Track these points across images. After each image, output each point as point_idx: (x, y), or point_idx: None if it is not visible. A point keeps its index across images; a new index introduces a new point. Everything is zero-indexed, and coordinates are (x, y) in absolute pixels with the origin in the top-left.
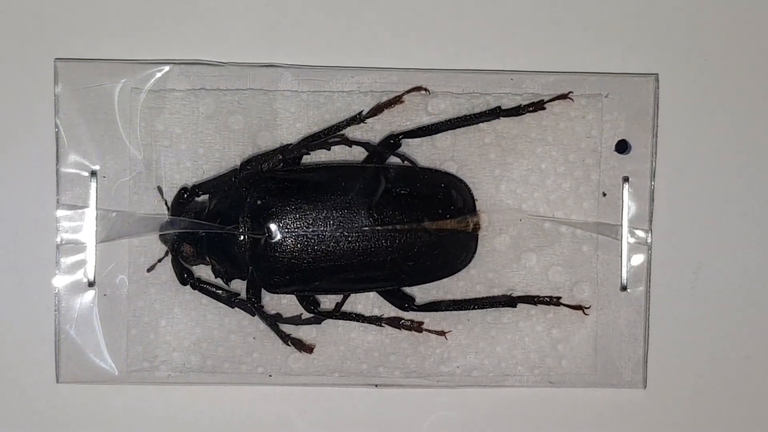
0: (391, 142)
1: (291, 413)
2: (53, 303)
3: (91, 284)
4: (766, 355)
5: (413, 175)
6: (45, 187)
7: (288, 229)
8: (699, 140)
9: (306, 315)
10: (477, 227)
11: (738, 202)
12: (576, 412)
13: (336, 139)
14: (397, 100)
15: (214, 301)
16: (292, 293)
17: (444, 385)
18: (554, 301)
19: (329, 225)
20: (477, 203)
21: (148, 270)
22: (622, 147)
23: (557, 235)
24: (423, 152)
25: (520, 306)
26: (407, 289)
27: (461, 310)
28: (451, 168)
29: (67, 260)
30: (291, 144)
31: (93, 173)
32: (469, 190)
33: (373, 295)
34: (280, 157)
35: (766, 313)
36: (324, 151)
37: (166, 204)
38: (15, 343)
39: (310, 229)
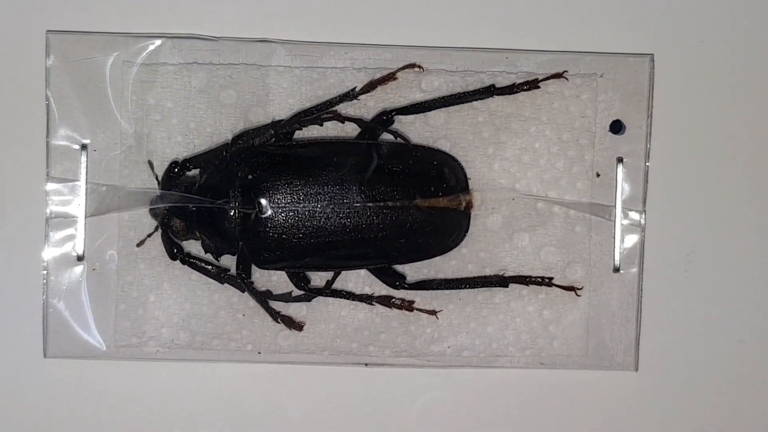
0: (384, 119)
1: (280, 391)
2: (41, 277)
3: (80, 258)
4: (758, 339)
5: (406, 152)
6: (35, 160)
7: (279, 204)
8: (694, 121)
9: (296, 292)
10: (469, 206)
11: (733, 184)
12: (567, 393)
13: (328, 115)
14: (390, 77)
15: (204, 276)
16: (283, 269)
17: (434, 365)
18: (546, 282)
19: (320, 201)
20: (470, 182)
21: (138, 245)
22: (617, 127)
23: (550, 215)
24: (416, 129)
25: (512, 286)
26: (398, 268)
27: (452, 289)
28: (444, 146)
29: (56, 234)
30: (283, 119)
31: (83, 146)
32: (461, 168)
33: (363, 272)
34: (272, 132)
35: (759, 297)
36: (316, 126)
37: (156, 178)
38: (2, 316)
39: (301, 205)
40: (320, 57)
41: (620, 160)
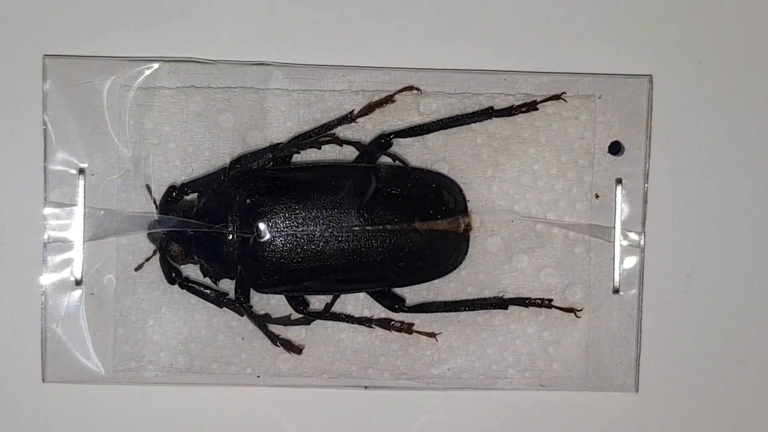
0: (382, 142)
1: (279, 415)
2: (40, 301)
3: (78, 283)
4: (758, 360)
5: (404, 175)
6: (32, 185)
7: (277, 228)
8: (693, 142)
9: (295, 315)
10: (468, 228)
11: (732, 204)
12: (567, 415)
13: (326, 138)
14: (388, 100)
15: (203, 300)
16: (281, 293)
17: (434, 387)
18: (546, 304)
19: (319, 224)
20: (468, 204)
21: (136, 269)
22: (616, 148)
23: (549, 237)
24: (414, 152)
25: (512, 308)
26: (397, 290)
27: (452, 311)
28: (442, 168)
29: (54, 258)
30: (281, 143)
31: (81, 171)
32: (460, 190)
33: (363, 295)
34: (270, 155)
35: (759, 318)
36: (314, 150)
37: (154, 202)
38: (0, 341)
39: (300, 229)
40: (318, 80)
41: (619, 181)
